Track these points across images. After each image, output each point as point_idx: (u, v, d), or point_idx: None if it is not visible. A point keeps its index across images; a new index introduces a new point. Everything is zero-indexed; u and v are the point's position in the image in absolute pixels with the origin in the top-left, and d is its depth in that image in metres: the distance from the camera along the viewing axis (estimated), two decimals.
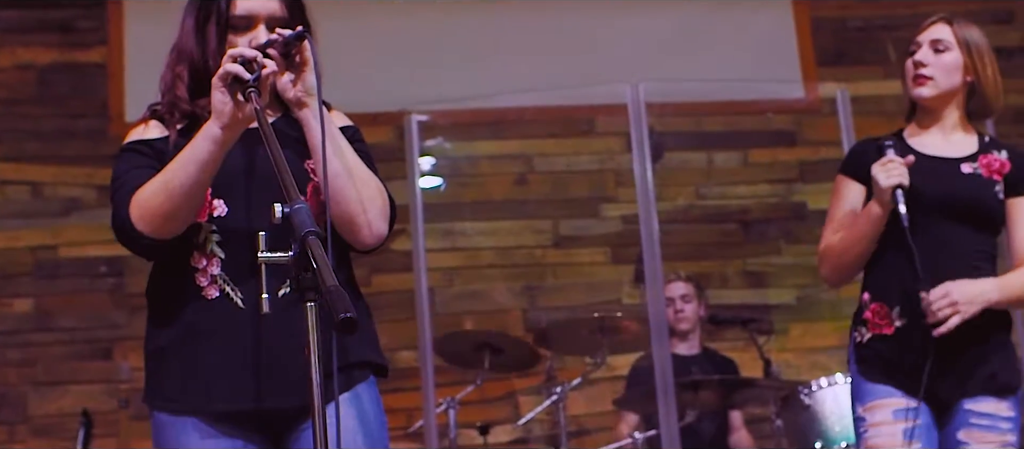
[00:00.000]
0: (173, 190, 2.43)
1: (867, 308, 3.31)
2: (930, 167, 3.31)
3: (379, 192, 2.54)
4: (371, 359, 2.60)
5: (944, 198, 3.28)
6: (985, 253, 3.30)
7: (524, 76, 6.25)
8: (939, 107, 3.38)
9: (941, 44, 3.36)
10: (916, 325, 3.22)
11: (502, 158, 6.50)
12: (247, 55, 2.40)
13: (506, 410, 5.98)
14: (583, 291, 6.34)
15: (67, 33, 6.53)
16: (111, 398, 6.05)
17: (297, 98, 2.50)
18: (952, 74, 3.35)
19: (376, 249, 2.58)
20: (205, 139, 2.42)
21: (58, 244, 6.27)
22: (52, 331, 6.16)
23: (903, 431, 3.18)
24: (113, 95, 6.44)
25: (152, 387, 2.57)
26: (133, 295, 6.16)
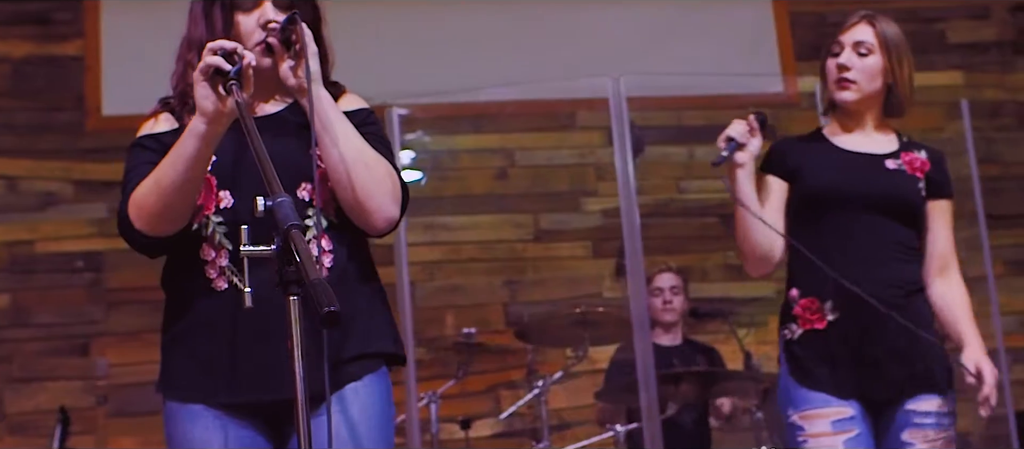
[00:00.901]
0: (164, 188, 2.43)
1: (796, 304, 3.30)
2: (855, 162, 3.34)
3: (388, 175, 2.52)
4: (386, 350, 2.59)
5: (871, 192, 3.29)
6: (911, 248, 3.32)
7: (505, 70, 6.28)
8: (860, 109, 3.39)
9: (864, 47, 3.35)
10: (849, 318, 3.22)
11: (483, 152, 6.50)
12: (227, 47, 2.39)
13: (488, 404, 5.99)
14: (564, 285, 6.36)
15: (43, 25, 6.50)
16: (88, 395, 6.04)
17: (298, 85, 2.51)
18: (874, 78, 3.35)
19: (388, 232, 2.57)
20: (190, 135, 2.41)
21: (35, 239, 6.26)
22: (28, 327, 6.15)
23: (844, 443, 3.17)
24: (89, 88, 6.42)
25: (164, 376, 2.60)
26: (110, 290, 6.19)
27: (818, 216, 3.30)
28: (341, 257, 2.54)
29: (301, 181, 2.51)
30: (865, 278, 3.18)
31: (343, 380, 2.49)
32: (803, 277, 3.30)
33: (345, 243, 2.55)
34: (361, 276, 2.58)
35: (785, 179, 3.38)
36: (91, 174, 6.32)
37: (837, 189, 3.29)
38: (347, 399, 2.49)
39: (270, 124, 2.56)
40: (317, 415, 2.36)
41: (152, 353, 6.25)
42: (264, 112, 2.62)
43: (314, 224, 2.50)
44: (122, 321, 6.13)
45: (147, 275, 6.17)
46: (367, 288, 2.59)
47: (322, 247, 2.51)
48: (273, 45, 2.50)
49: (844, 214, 3.27)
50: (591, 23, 6.58)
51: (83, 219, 6.28)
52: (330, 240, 2.53)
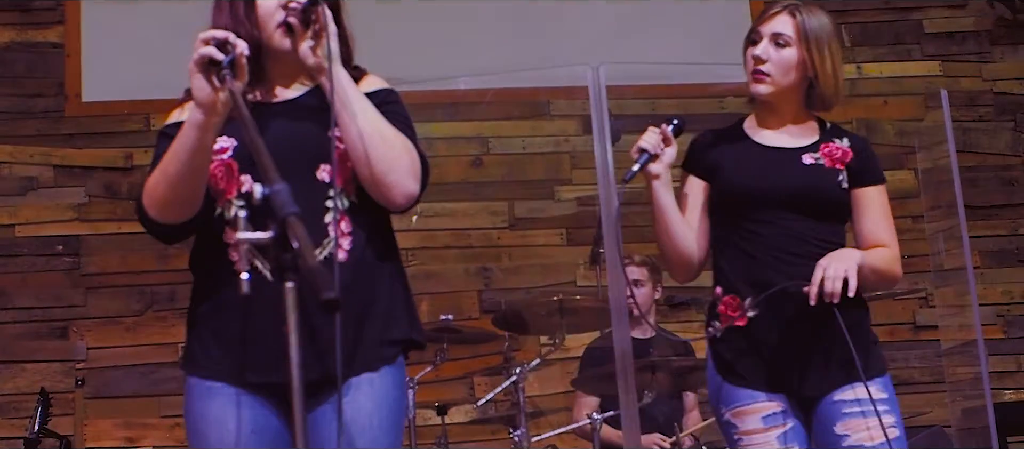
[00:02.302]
0: (170, 177, 2.44)
1: (720, 301, 3.13)
2: (770, 159, 3.14)
3: (406, 150, 2.49)
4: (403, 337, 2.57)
5: (786, 189, 3.09)
6: (833, 243, 3.10)
7: (480, 58, 6.11)
8: (776, 102, 3.18)
9: (781, 38, 3.12)
10: (769, 314, 3.04)
11: (458, 140, 6.35)
12: (219, 37, 2.36)
13: (463, 391, 5.84)
14: (538, 272, 6.21)
15: (24, 13, 6.37)
16: (67, 377, 5.90)
17: (317, 64, 2.48)
18: (789, 72, 3.12)
19: (409, 208, 2.53)
20: (189, 126, 2.40)
21: (15, 223, 6.12)
22: (9, 310, 6.01)
23: (777, 438, 3.01)
24: (70, 75, 6.29)
25: (186, 353, 2.59)
26: (90, 275, 6.08)
27: (736, 214, 3.12)
28: (360, 240, 2.50)
29: (320, 163, 2.49)
30: (780, 276, 3.01)
31: (359, 368, 2.47)
32: (725, 275, 3.14)
33: (365, 226, 2.51)
34: (381, 260, 2.55)
35: (704, 178, 3.21)
36: (71, 159, 6.20)
37: (752, 188, 3.10)
38: (362, 388, 2.46)
39: (289, 108, 2.57)
40: (330, 400, 2.43)
41: (130, 337, 6.18)
42: (284, 97, 2.61)
43: (334, 206, 2.47)
44: (100, 305, 6.04)
45: (126, 260, 6.11)
46: (386, 272, 2.56)
47: (341, 230, 2.48)
48: (293, 24, 2.48)
49: (760, 212, 3.08)
50: (568, 12, 6.42)
51: (63, 203, 6.17)
52: (350, 222, 2.49)
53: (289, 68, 2.59)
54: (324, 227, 2.46)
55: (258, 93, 2.58)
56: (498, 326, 4.96)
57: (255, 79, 2.54)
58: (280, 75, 2.60)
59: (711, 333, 3.14)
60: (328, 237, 2.46)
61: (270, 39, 2.53)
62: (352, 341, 2.45)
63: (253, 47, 2.50)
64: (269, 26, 2.52)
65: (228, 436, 2.47)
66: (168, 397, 5.81)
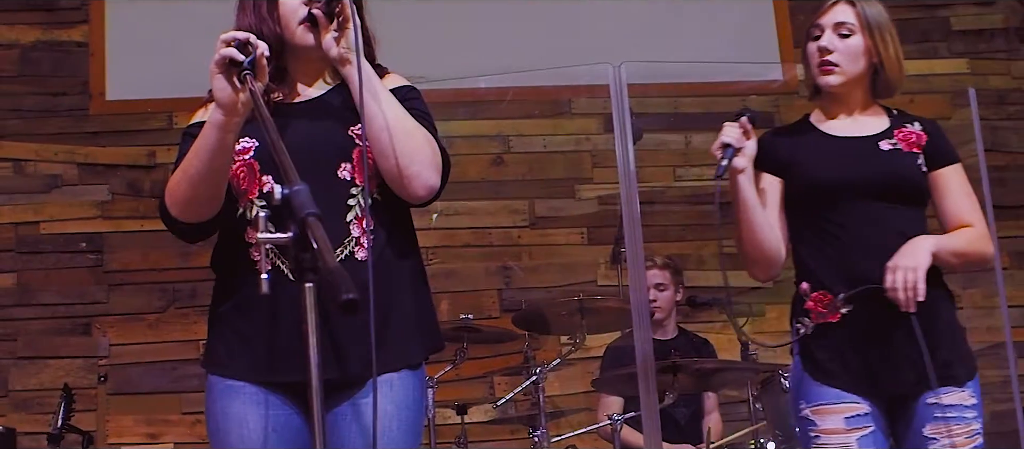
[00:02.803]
0: (191, 177, 2.43)
1: (808, 298, 3.05)
2: (849, 149, 3.09)
3: (427, 142, 2.48)
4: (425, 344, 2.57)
5: (870, 177, 3.03)
6: (918, 229, 3.04)
7: (502, 57, 6.04)
8: (845, 92, 3.13)
9: (845, 28, 3.09)
10: (863, 312, 2.96)
11: (479, 138, 6.29)
12: (240, 38, 2.35)
13: (483, 390, 5.80)
14: (559, 272, 6.15)
15: (50, 12, 6.37)
16: (90, 373, 5.88)
17: (340, 55, 2.46)
18: (857, 59, 3.09)
19: (430, 201, 2.51)
20: (210, 126, 2.39)
21: (40, 220, 6.11)
22: (33, 306, 6.00)
23: (858, 440, 2.95)
24: (94, 73, 6.28)
25: (208, 351, 2.58)
26: (112, 271, 6.07)
27: (817, 207, 3.05)
28: (381, 238, 2.49)
29: (341, 162, 2.47)
30: (870, 267, 2.94)
31: (380, 369, 2.43)
32: (811, 270, 3.05)
33: (386, 223, 2.50)
34: (402, 259, 2.54)
35: (778, 174, 3.13)
36: (95, 157, 6.19)
37: (836, 179, 3.03)
38: (382, 390, 2.44)
39: (312, 107, 2.56)
40: (352, 400, 2.44)
41: (152, 333, 6.17)
42: (307, 95, 2.59)
43: (357, 204, 2.46)
44: (123, 301, 6.02)
45: (148, 257, 6.09)
46: (407, 271, 2.54)
47: (363, 228, 2.47)
48: (318, 17, 2.47)
49: (844, 203, 3.01)
50: (589, 10, 6.36)
51: (87, 201, 6.15)
52: (371, 220, 2.48)
53: (312, 66, 2.58)
54: (346, 226, 2.45)
55: (280, 92, 2.56)
56: (518, 325, 4.90)
57: (277, 78, 2.54)
58: (303, 73, 2.59)
59: (800, 330, 3.06)
60: (350, 235, 2.45)
61: (293, 36, 2.52)
62: (376, 340, 2.40)
63: (276, 45, 2.50)
64: (292, 23, 2.51)
65: (249, 434, 2.46)
66: (189, 394, 5.79)
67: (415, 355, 2.53)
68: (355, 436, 2.43)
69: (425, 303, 2.59)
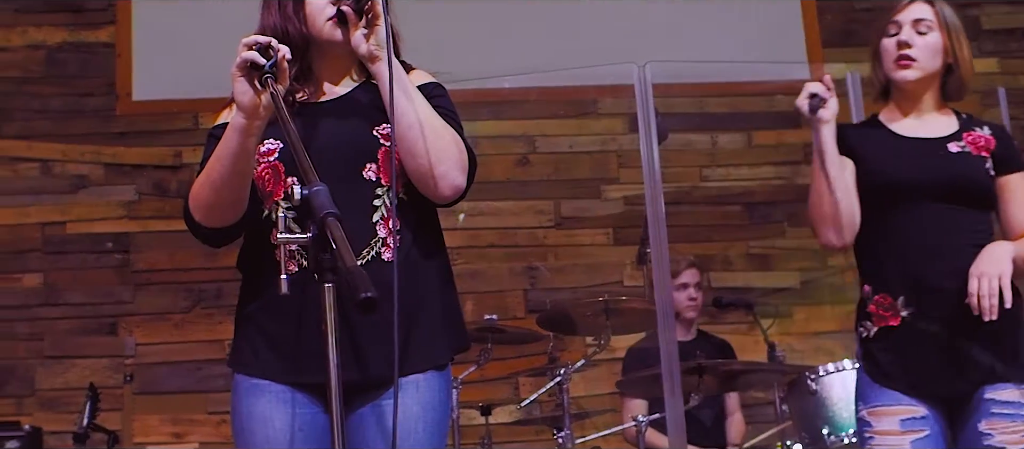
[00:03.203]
0: (214, 182, 2.43)
1: (870, 301, 3.03)
2: (916, 149, 3.06)
3: (454, 142, 2.46)
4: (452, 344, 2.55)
5: (937, 179, 3.01)
6: (983, 232, 3.01)
7: (527, 57, 6.04)
8: (919, 90, 3.11)
9: (923, 25, 3.08)
10: (924, 313, 2.95)
11: (504, 138, 6.28)
12: (261, 41, 2.33)
13: (507, 391, 5.79)
14: (584, 272, 6.13)
15: (77, 13, 6.41)
16: (116, 373, 5.89)
17: (369, 52, 2.43)
18: (935, 56, 3.08)
19: (456, 201, 2.49)
20: (232, 130, 2.38)
21: (66, 220, 6.15)
22: (59, 306, 6.04)
23: (912, 443, 2.93)
24: (121, 74, 6.31)
25: (234, 351, 2.57)
26: (138, 271, 6.10)
27: (881, 207, 3.03)
28: (408, 239, 2.47)
29: (366, 162, 2.46)
30: (934, 270, 2.94)
31: (407, 369, 2.44)
32: (874, 273, 3.04)
33: (412, 224, 2.49)
34: (428, 260, 2.52)
35: (851, 158, 3.07)
36: (121, 158, 6.23)
37: (900, 179, 3.01)
38: (407, 391, 2.43)
39: (337, 106, 2.54)
40: (378, 401, 2.43)
41: (177, 333, 6.19)
42: (333, 94, 2.58)
43: (382, 204, 2.45)
44: (149, 301, 6.06)
45: (174, 257, 6.12)
46: (434, 271, 2.53)
47: (389, 228, 2.45)
48: (347, 13, 2.45)
49: (908, 203, 3.00)
50: (615, 10, 6.34)
51: (113, 201, 6.18)
52: (397, 220, 2.46)
53: (338, 63, 2.57)
54: (372, 226, 2.44)
55: (305, 92, 2.55)
56: (543, 326, 4.89)
57: (303, 78, 2.53)
58: (329, 71, 2.58)
59: (862, 333, 3.06)
60: (376, 236, 2.44)
61: (320, 33, 2.50)
62: (403, 340, 2.41)
63: (301, 44, 2.50)
64: (319, 21, 2.50)
65: (274, 433, 2.45)
66: (215, 393, 5.80)
67: (441, 356, 2.52)
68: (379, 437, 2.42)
69: (452, 303, 2.57)
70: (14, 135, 6.19)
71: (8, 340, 5.95)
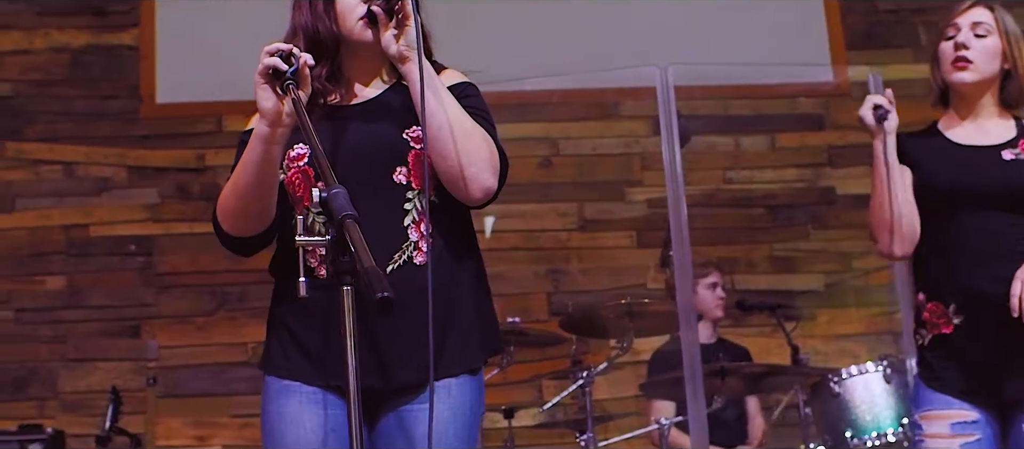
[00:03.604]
0: (240, 191, 2.43)
1: (924, 308, 3.06)
2: (969, 156, 3.07)
3: (485, 143, 2.44)
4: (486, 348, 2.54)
5: (988, 187, 3.02)
6: None
7: (550, 58, 6.04)
8: (976, 94, 3.12)
9: (981, 28, 3.10)
10: (974, 320, 2.97)
11: (527, 141, 6.29)
12: (283, 49, 2.33)
13: (531, 394, 5.79)
14: (608, 275, 6.14)
15: (101, 16, 6.45)
16: (139, 375, 5.87)
17: (399, 52, 2.42)
18: (993, 60, 3.10)
19: (487, 203, 2.48)
20: (256, 139, 2.38)
21: (90, 223, 6.19)
22: (83, 308, 6.07)
23: (961, 446, 2.95)
24: (144, 76, 6.35)
25: (266, 354, 2.57)
26: (162, 274, 6.14)
27: (934, 215, 3.05)
28: (440, 242, 2.46)
29: (397, 166, 2.45)
30: (983, 277, 2.95)
31: (441, 372, 2.42)
32: (927, 281, 3.07)
33: (444, 227, 2.47)
34: (462, 261, 2.51)
35: (910, 167, 3.11)
36: (145, 160, 6.26)
37: (951, 185, 3.04)
38: (439, 395, 2.40)
39: (367, 109, 2.53)
40: (410, 405, 2.42)
41: (201, 336, 6.21)
42: (364, 96, 2.56)
43: (413, 207, 2.43)
44: (172, 304, 6.09)
45: (197, 260, 6.15)
46: (468, 275, 2.52)
47: (421, 232, 2.43)
48: (377, 13, 2.44)
49: (960, 211, 3.01)
50: (638, 12, 6.35)
51: (136, 204, 6.22)
52: (429, 223, 2.44)
53: (368, 64, 2.56)
54: (404, 230, 2.43)
55: (337, 94, 2.55)
56: (566, 329, 4.89)
57: (333, 79, 2.53)
58: (359, 72, 2.57)
59: (919, 341, 3.09)
60: (408, 240, 2.42)
61: (351, 33, 2.49)
62: (436, 345, 2.36)
63: (332, 44, 2.50)
64: (350, 20, 2.49)
65: (305, 434, 2.44)
66: (238, 396, 5.83)
67: (475, 359, 2.50)
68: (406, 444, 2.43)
69: (486, 306, 2.56)
70: (38, 138, 6.24)
71: (31, 342, 5.99)
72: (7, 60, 6.33)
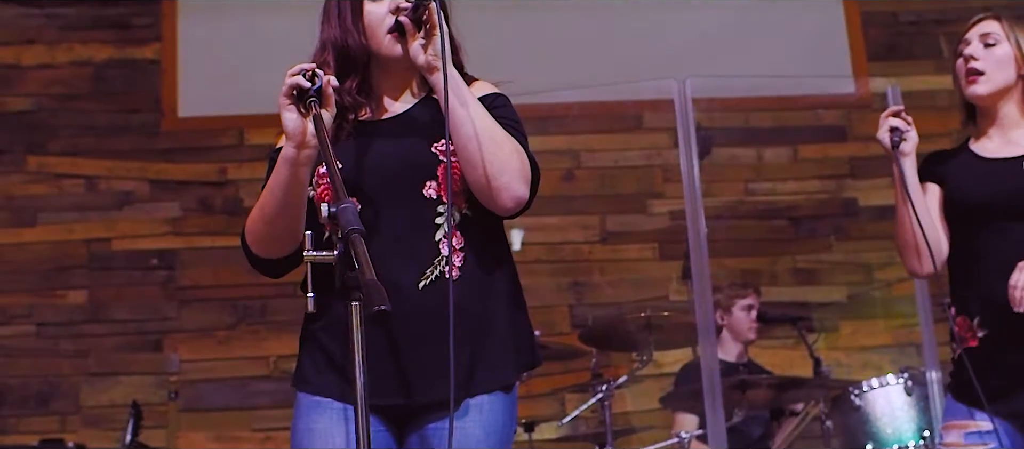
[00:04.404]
0: (267, 214, 2.44)
1: (954, 323, 3.11)
2: (992, 169, 3.12)
3: (516, 153, 2.44)
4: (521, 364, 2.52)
5: (1007, 198, 3.06)
6: None
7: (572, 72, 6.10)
8: (995, 104, 3.17)
9: (991, 38, 3.15)
10: (998, 333, 3.01)
11: (549, 154, 6.31)
12: (306, 68, 2.35)
13: (553, 407, 5.82)
14: (630, 287, 6.18)
15: (123, 30, 6.52)
16: (161, 390, 5.95)
17: (427, 62, 2.43)
18: (1005, 67, 3.14)
19: (519, 213, 2.48)
20: (282, 162, 2.38)
21: (112, 237, 6.25)
22: (105, 322, 6.13)
23: None
24: (166, 90, 6.42)
25: (297, 370, 2.57)
26: (183, 288, 6.19)
27: (961, 229, 3.10)
28: (472, 256, 2.46)
29: (427, 179, 2.45)
30: (1006, 289, 2.95)
31: (476, 389, 2.43)
32: (956, 295, 3.11)
33: (476, 241, 2.47)
34: (495, 274, 2.50)
35: (937, 182, 3.17)
36: (167, 174, 6.33)
37: (974, 198, 3.09)
38: (471, 412, 2.43)
39: (396, 124, 2.53)
40: (439, 423, 2.40)
41: (222, 350, 6.25)
42: (394, 111, 2.56)
43: (445, 221, 2.43)
44: (194, 318, 6.14)
45: (219, 273, 6.21)
46: (502, 288, 2.51)
47: (453, 246, 2.43)
48: (405, 24, 2.45)
49: (985, 224, 3.06)
50: (661, 25, 6.40)
51: (159, 218, 6.27)
52: (461, 238, 2.45)
53: (398, 78, 2.58)
54: (435, 245, 2.42)
55: (368, 109, 2.56)
56: (586, 342, 4.92)
57: (364, 93, 2.54)
58: (389, 86, 2.58)
59: (952, 355, 3.14)
60: (439, 254, 2.42)
61: (380, 46, 2.51)
62: (469, 361, 2.42)
63: (362, 57, 2.52)
64: (379, 33, 2.50)
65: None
66: (260, 410, 5.89)
67: (509, 376, 2.48)
68: None
69: (521, 320, 2.55)
70: (60, 152, 6.30)
71: (53, 357, 6.04)
72: (30, 74, 6.42)
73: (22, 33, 6.46)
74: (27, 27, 6.47)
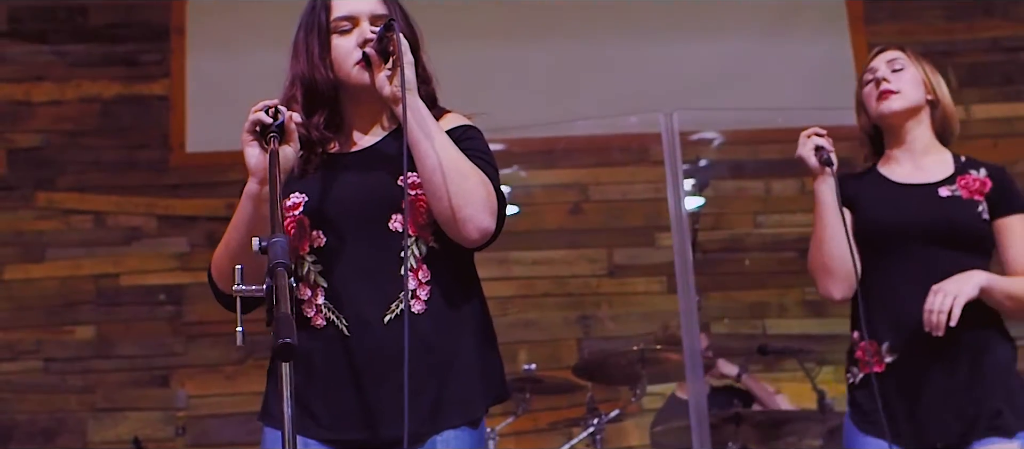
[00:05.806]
0: (231, 250, 2.48)
1: (857, 347, 3.14)
2: (905, 194, 3.17)
3: (481, 184, 2.45)
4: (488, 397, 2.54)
5: (922, 223, 3.11)
6: None
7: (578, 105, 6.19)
8: (905, 124, 3.23)
9: (897, 63, 3.25)
10: (908, 360, 3.05)
11: (556, 187, 6.43)
12: (268, 104, 2.41)
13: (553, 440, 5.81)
14: (638, 321, 6.23)
15: (131, 66, 6.62)
16: (168, 425, 6.08)
17: (393, 94, 2.46)
18: (917, 87, 3.22)
19: (486, 245, 2.49)
20: (245, 198, 2.45)
21: (119, 272, 6.34)
22: (112, 358, 6.21)
23: None
24: (174, 126, 6.53)
25: (264, 404, 2.62)
26: (191, 323, 6.26)
27: (871, 254, 3.13)
28: (438, 292, 2.48)
29: (392, 213, 2.48)
30: (918, 316, 2.98)
31: (442, 424, 2.46)
32: (862, 319, 3.09)
33: (444, 274, 2.50)
34: (463, 308, 2.52)
35: (849, 208, 3.22)
36: (174, 210, 6.43)
37: (888, 223, 3.13)
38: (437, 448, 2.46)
39: (363, 157, 2.57)
40: None
41: (230, 385, 6.33)
42: (363, 144, 2.61)
43: (410, 255, 2.46)
44: (201, 354, 6.21)
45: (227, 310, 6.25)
46: (469, 322, 2.53)
47: (419, 280, 2.47)
48: (370, 55, 2.49)
49: (898, 249, 3.10)
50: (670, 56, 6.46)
51: (166, 253, 6.36)
52: (428, 271, 2.48)
53: (368, 110, 2.61)
54: (400, 279, 2.45)
55: (337, 143, 2.60)
56: (581, 376, 5.00)
57: (332, 128, 2.58)
58: (359, 119, 2.62)
59: (850, 380, 3.16)
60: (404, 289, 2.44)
61: (348, 77, 2.54)
62: (435, 395, 2.45)
63: (330, 91, 2.56)
64: (346, 65, 2.54)
65: None
66: None
67: (476, 409, 2.51)
68: None
69: (489, 352, 2.56)
70: (68, 187, 6.40)
71: (60, 392, 6.13)
72: (38, 111, 6.53)
73: (31, 70, 6.58)
74: (36, 64, 6.58)
